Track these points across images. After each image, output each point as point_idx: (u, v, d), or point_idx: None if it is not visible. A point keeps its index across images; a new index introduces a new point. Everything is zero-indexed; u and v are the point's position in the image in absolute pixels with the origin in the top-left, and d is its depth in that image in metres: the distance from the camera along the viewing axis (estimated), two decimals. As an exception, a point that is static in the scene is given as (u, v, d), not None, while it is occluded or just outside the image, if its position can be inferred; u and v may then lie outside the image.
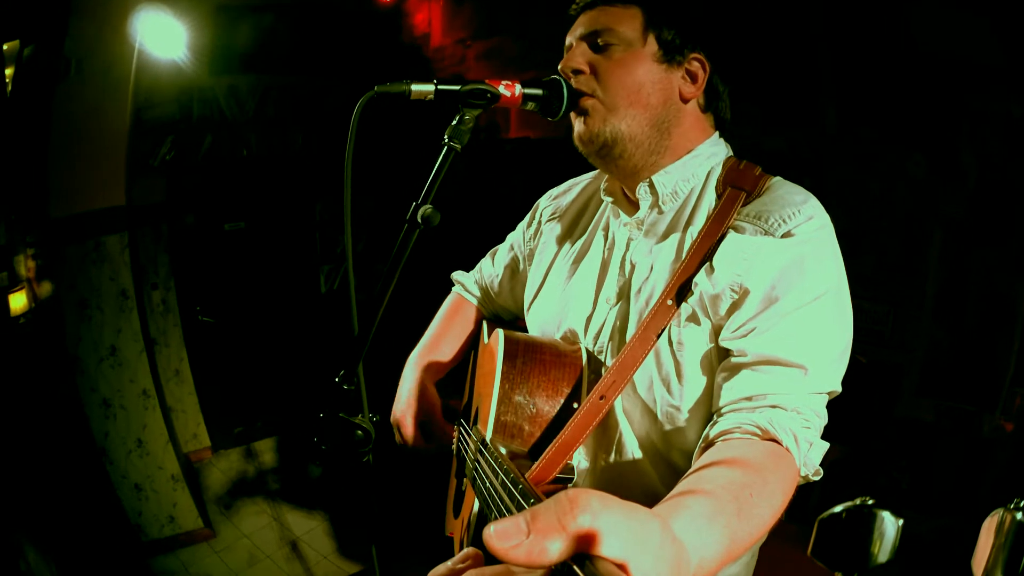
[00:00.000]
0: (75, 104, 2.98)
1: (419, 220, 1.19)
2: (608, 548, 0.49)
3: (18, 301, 3.07)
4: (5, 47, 2.91)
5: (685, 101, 1.30)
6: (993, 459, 2.72)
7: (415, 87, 1.19)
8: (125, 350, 3.44)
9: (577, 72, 1.28)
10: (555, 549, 0.48)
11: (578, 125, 1.31)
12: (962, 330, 2.83)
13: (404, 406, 1.61)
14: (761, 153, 1.37)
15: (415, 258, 1.24)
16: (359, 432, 1.25)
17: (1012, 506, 0.86)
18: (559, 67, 1.30)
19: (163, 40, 3.30)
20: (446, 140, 1.21)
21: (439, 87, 1.21)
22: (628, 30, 1.26)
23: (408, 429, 1.58)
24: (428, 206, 1.19)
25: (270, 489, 4.49)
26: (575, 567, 0.48)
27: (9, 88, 2.99)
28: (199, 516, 3.79)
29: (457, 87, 1.22)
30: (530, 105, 1.29)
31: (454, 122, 1.22)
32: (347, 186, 1.21)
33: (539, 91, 1.28)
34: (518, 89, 1.27)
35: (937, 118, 2.75)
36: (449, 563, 0.60)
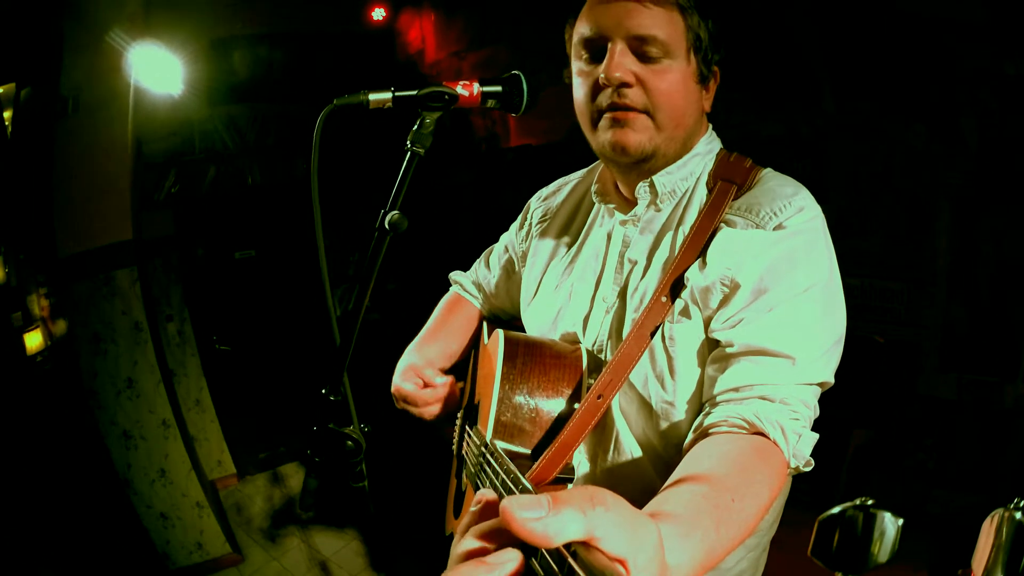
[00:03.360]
0: (75, 142, 3.02)
1: (387, 227, 1.18)
2: (613, 543, 0.52)
3: (34, 340, 3.13)
4: (1, 90, 2.98)
5: (704, 113, 1.31)
6: (1018, 429, 2.67)
7: (373, 96, 1.19)
8: (142, 382, 3.48)
9: (625, 85, 1.20)
10: (571, 530, 0.51)
11: (616, 135, 1.23)
12: (977, 300, 2.78)
13: (401, 372, 1.58)
14: (759, 139, 1.36)
15: (419, 267, 1.25)
16: (349, 443, 1.25)
17: (1012, 506, 0.85)
18: (601, 75, 1.21)
19: (159, 75, 3.35)
20: (409, 145, 1.21)
21: (396, 94, 1.21)
22: (675, 42, 1.19)
23: (407, 390, 1.54)
24: (396, 212, 1.19)
25: (297, 512, 4.50)
26: (567, 554, 0.50)
27: (9, 131, 3.06)
28: (226, 542, 3.81)
29: (414, 92, 1.21)
30: (490, 103, 1.29)
31: (415, 127, 1.21)
32: (315, 197, 1.21)
33: (498, 88, 1.28)
34: (476, 88, 1.26)
35: (932, 85, 2.72)
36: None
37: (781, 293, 1.10)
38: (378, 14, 5.35)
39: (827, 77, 3.04)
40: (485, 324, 1.73)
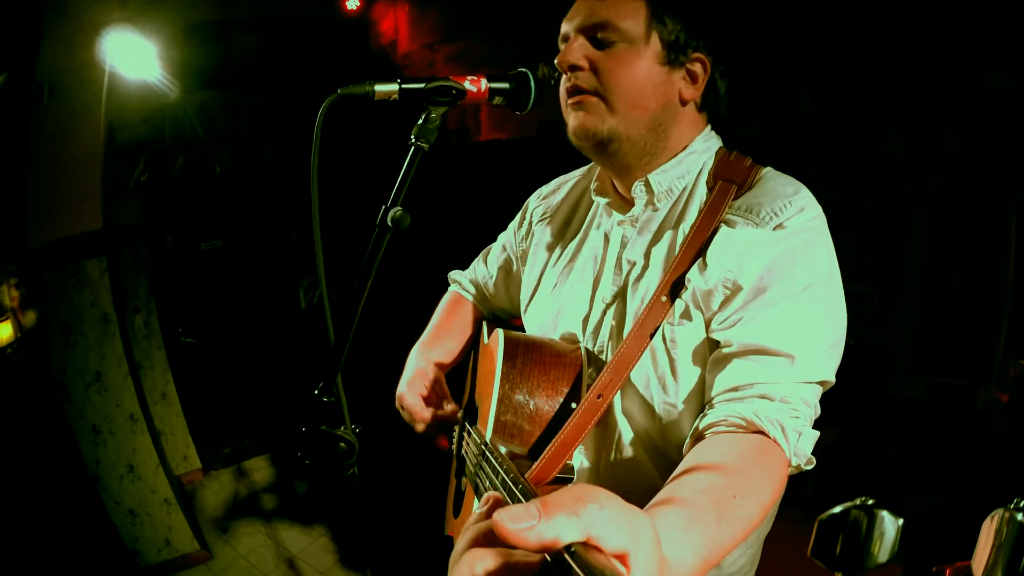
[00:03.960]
0: (49, 129, 2.92)
1: (389, 223, 1.16)
2: (611, 540, 0.52)
3: (4, 331, 3.02)
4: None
5: (684, 103, 1.28)
6: (989, 432, 2.75)
7: (379, 87, 1.17)
8: (110, 375, 3.39)
9: (575, 68, 1.24)
10: (567, 533, 0.50)
11: (574, 120, 1.27)
12: (950, 306, 2.86)
13: (406, 382, 1.58)
14: (735, 138, 1.37)
15: (397, 263, 1.23)
16: (342, 444, 1.23)
17: (1012, 506, 0.87)
18: (555, 60, 1.26)
19: (133, 60, 3.26)
20: (413, 140, 1.19)
21: (403, 86, 1.19)
22: (632, 25, 1.21)
23: (410, 402, 1.54)
24: (398, 208, 1.17)
25: (263, 507, 4.45)
26: (567, 556, 0.50)
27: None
28: (195, 539, 3.74)
29: (421, 84, 1.20)
30: (497, 100, 1.28)
31: (420, 121, 1.20)
32: (313, 191, 1.18)
33: (506, 85, 1.27)
34: (484, 84, 1.25)
35: (913, 93, 2.77)
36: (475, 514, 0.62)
37: (781, 292, 1.11)
38: (352, 3, 5.27)
39: (808, 79, 3.08)
40: (485, 323, 1.72)
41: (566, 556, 0.50)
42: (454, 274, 1.86)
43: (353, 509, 1.38)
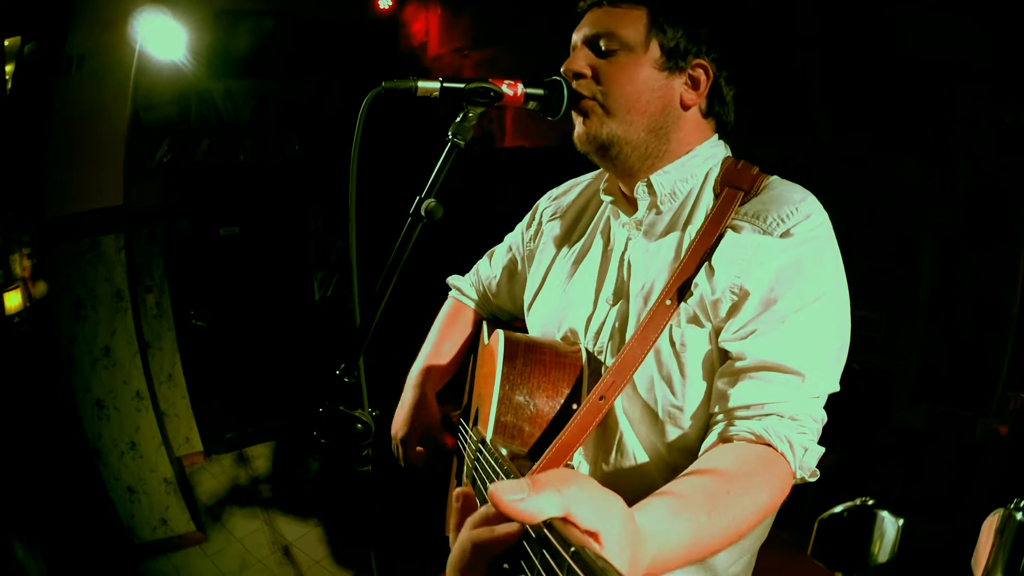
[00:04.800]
0: (75, 103, 2.97)
1: (423, 214, 1.20)
2: (585, 518, 0.62)
3: (13, 300, 3.05)
4: (7, 43, 2.91)
5: (686, 108, 1.30)
6: (987, 463, 2.73)
7: (422, 83, 1.22)
8: (119, 351, 3.42)
9: (578, 76, 1.29)
10: (550, 508, 0.60)
11: (578, 125, 1.33)
12: (954, 335, 2.85)
13: (401, 422, 1.65)
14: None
15: (417, 260, 1.25)
16: (359, 426, 1.25)
17: (1012, 506, 0.86)
18: (562, 68, 1.31)
19: (163, 42, 3.30)
20: (450, 136, 1.23)
21: (444, 84, 1.23)
22: (631, 34, 1.25)
23: (403, 448, 1.64)
24: (432, 200, 1.21)
25: (262, 495, 4.46)
26: (545, 529, 0.58)
27: (9, 85, 2.99)
28: (191, 520, 3.76)
29: (462, 84, 1.24)
30: (531, 104, 1.31)
31: (458, 119, 1.25)
32: (352, 181, 1.21)
33: (541, 91, 1.30)
34: (520, 88, 1.29)
35: (928, 123, 2.77)
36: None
37: (791, 304, 1.12)
38: (384, 2, 5.31)
39: (826, 107, 3.09)
40: (485, 324, 1.73)
41: (544, 529, 0.58)
42: (453, 280, 1.87)
43: (361, 491, 1.38)
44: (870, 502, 0.85)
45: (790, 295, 1.12)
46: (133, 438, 3.51)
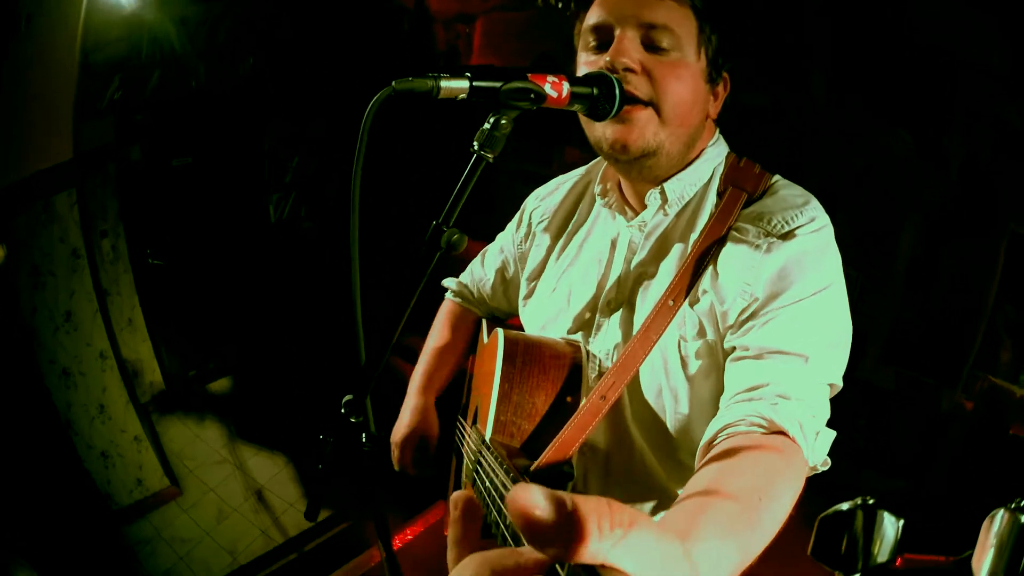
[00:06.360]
0: (20, 63, 2.70)
1: (442, 246, 1.05)
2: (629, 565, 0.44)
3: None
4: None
5: (707, 118, 1.28)
6: (951, 433, 2.85)
7: (444, 84, 0.98)
8: (79, 313, 3.30)
9: (629, 71, 1.14)
10: (590, 553, 0.42)
11: (617, 131, 1.18)
12: (928, 312, 2.91)
13: (403, 428, 1.64)
14: (741, 108, 1.35)
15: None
16: (365, 444, 1.24)
17: (1013, 506, 0.88)
18: (607, 56, 1.14)
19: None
20: (476, 148, 1.04)
21: (475, 83, 1.00)
22: (686, 37, 1.15)
23: (403, 457, 1.63)
24: (455, 231, 1.04)
25: (228, 431, 4.44)
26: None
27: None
28: (164, 475, 3.75)
29: (497, 84, 1.02)
30: (577, 106, 1.13)
31: (487, 126, 1.04)
32: (355, 194, 1.04)
33: (590, 89, 1.11)
34: (566, 88, 1.08)
35: (929, 101, 2.73)
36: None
37: (792, 295, 1.12)
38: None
39: (825, 62, 3.00)
40: (484, 322, 1.72)
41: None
42: (447, 282, 1.84)
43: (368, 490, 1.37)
44: (871, 501, 0.85)
45: (791, 288, 1.12)
46: (101, 400, 3.44)
